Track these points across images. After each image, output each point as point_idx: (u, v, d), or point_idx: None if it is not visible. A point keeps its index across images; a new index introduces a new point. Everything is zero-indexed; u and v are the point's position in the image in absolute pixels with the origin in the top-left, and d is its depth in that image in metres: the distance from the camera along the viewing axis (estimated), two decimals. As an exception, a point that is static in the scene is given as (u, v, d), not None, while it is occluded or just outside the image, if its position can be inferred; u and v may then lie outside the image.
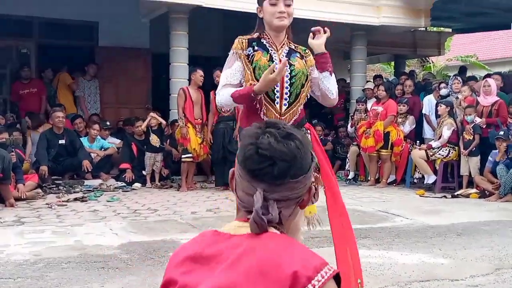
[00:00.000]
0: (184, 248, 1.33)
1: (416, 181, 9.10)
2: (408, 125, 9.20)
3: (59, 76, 10.56)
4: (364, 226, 5.85)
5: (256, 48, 2.92)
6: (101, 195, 7.67)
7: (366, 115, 9.45)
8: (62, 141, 8.44)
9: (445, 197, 8.07)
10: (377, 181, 9.25)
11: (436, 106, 8.95)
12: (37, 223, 5.80)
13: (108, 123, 9.78)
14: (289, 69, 2.90)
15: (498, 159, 7.75)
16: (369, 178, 9.36)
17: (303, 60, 3.00)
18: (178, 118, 8.21)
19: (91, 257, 4.38)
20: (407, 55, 15.17)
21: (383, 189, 8.83)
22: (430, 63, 21.92)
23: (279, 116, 2.89)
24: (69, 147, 8.50)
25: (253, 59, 2.90)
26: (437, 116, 8.98)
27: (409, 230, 5.71)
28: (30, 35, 10.90)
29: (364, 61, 11.15)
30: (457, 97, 8.84)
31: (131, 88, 11.00)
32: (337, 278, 1.22)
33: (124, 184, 8.39)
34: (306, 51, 3.07)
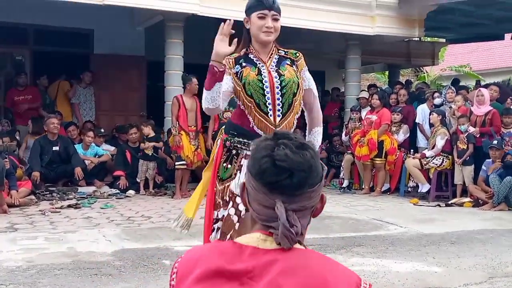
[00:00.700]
0: (200, 260, 1.28)
1: (410, 189, 9.12)
2: (402, 134, 9.23)
3: (58, 84, 10.55)
4: (358, 234, 5.86)
5: (244, 64, 2.92)
6: (94, 202, 7.64)
7: (360, 124, 9.48)
8: (56, 148, 8.43)
9: (439, 205, 8.09)
10: (371, 189, 9.26)
11: (430, 115, 9.00)
12: (30, 229, 5.78)
13: (103, 130, 9.77)
14: (278, 79, 2.90)
15: (493, 169, 7.77)
16: (364, 187, 9.38)
17: (294, 65, 2.98)
18: (171, 126, 8.21)
19: (84, 264, 4.36)
20: (401, 64, 15.24)
21: (377, 197, 8.84)
22: (424, 73, 22.03)
23: (274, 128, 2.85)
24: (63, 154, 8.49)
25: (242, 75, 2.90)
26: (430, 125, 9.02)
27: (403, 238, 5.72)
28: (25, 42, 10.89)
29: (359, 70, 11.21)
30: (451, 106, 8.88)
31: (126, 95, 11.00)
32: None
33: (118, 191, 8.37)
34: (297, 54, 3.05)
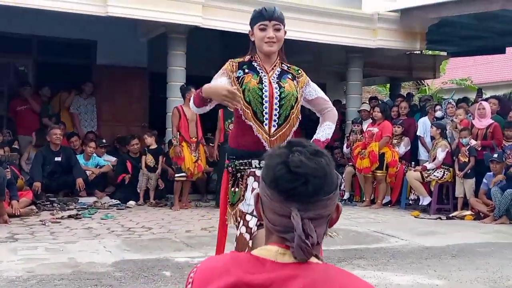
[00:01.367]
0: (218, 271, 1.26)
1: (411, 202, 9.11)
2: (403, 147, 9.24)
3: (60, 96, 10.58)
4: (360, 246, 5.85)
5: (246, 70, 2.95)
6: (95, 212, 7.64)
7: (362, 136, 9.49)
8: (58, 158, 8.45)
9: (440, 218, 8.08)
10: (372, 202, 9.25)
11: (430, 128, 9.01)
12: (30, 239, 5.77)
13: (104, 140, 9.78)
14: (278, 91, 2.92)
15: (494, 181, 7.76)
16: (364, 199, 9.37)
17: (295, 81, 3.01)
18: (172, 137, 8.20)
19: (84, 275, 4.36)
20: (402, 77, 15.28)
21: (378, 210, 8.82)
22: (425, 86, 22.08)
23: (268, 138, 2.91)
24: (65, 165, 8.50)
25: (243, 81, 2.93)
26: (431, 138, 9.03)
27: (404, 251, 5.71)
28: (29, 52, 10.94)
29: (360, 83, 11.23)
30: (452, 120, 8.90)
31: (128, 106, 11.03)
32: None
33: (118, 201, 8.37)
34: (299, 71, 3.08)
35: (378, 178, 9.10)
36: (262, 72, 2.96)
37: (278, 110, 2.92)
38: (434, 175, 8.61)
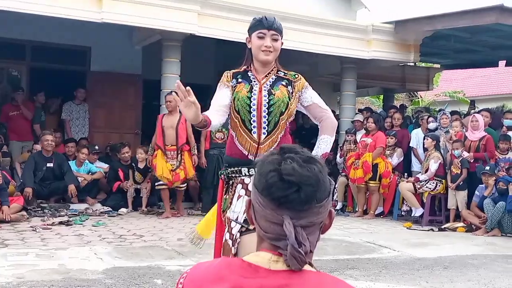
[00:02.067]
0: (210, 276, 1.25)
1: (403, 213, 9.12)
2: (396, 158, 9.26)
3: (47, 101, 10.53)
4: (352, 256, 5.84)
5: (240, 80, 2.99)
6: (86, 219, 7.59)
7: (355, 146, 9.50)
8: (50, 164, 8.39)
9: (432, 230, 8.08)
10: (365, 212, 9.25)
11: (424, 140, 9.04)
12: (21, 245, 5.72)
13: (97, 147, 9.74)
14: (267, 98, 2.95)
15: (486, 194, 7.79)
16: (357, 209, 9.36)
17: (289, 87, 3.01)
18: (149, 147, 8.35)
19: (75, 281, 4.32)
20: (396, 89, 15.35)
21: (371, 220, 8.82)
22: (418, 98, 22.19)
23: (257, 146, 2.94)
24: (57, 171, 8.44)
25: (235, 90, 2.97)
26: (424, 149, 9.06)
27: (396, 262, 5.70)
28: (23, 58, 10.90)
29: (354, 93, 11.27)
30: (448, 131, 8.94)
31: (121, 113, 11.00)
32: None
33: (110, 209, 8.32)
34: (296, 75, 3.08)
35: (371, 188, 9.11)
36: (254, 81, 2.99)
37: (267, 118, 2.95)
38: (426, 187, 8.63)
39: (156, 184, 8.17)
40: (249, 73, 3.01)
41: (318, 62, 11.50)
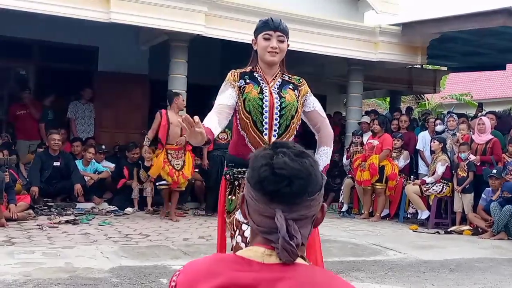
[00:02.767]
0: (203, 274, 1.25)
1: (409, 216, 9.09)
2: (403, 160, 9.25)
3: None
4: (358, 258, 5.83)
5: (247, 80, 2.96)
6: (92, 218, 7.62)
7: (362, 148, 9.49)
8: (56, 163, 8.42)
9: (438, 233, 8.06)
10: (371, 214, 9.24)
11: (431, 142, 9.02)
12: (27, 244, 5.75)
13: (104, 146, 9.77)
14: (279, 101, 2.92)
15: (494, 198, 7.76)
16: (363, 212, 9.35)
17: (296, 91, 3.01)
18: (146, 138, 8.03)
19: (81, 280, 4.33)
20: (402, 91, 15.30)
21: (377, 222, 8.81)
22: (425, 101, 22.13)
23: None
24: (63, 170, 8.47)
25: (244, 91, 2.93)
26: (431, 152, 9.04)
27: (402, 264, 5.69)
28: (30, 57, 10.94)
29: (360, 95, 11.25)
30: (455, 133, 8.92)
31: (128, 113, 11.01)
32: None
33: (116, 208, 8.35)
34: (301, 80, 3.08)
35: (377, 190, 9.09)
36: (263, 83, 2.96)
37: (278, 120, 2.92)
38: (433, 189, 8.61)
39: (157, 183, 8.04)
40: (256, 74, 2.99)
41: (325, 64, 11.49)
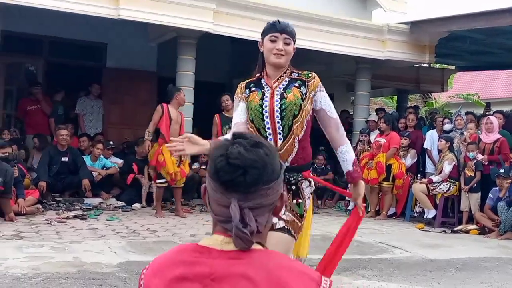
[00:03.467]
0: (165, 267, 1.30)
1: (416, 214, 9.08)
2: (410, 159, 9.24)
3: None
4: (364, 256, 5.84)
5: (253, 89, 2.96)
6: (100, 213, 7.66)
7: (369, 147, 9.49)
8: (64, 159, 8.47)
9: (444, 232, 8.06)
10: (377, 213, 9.24)
11: (438, 141, 9.01)
12: (36, 238, 5.79)
13: (112, 142, 9.82)
14: (279, 103, 2.89)
15: (501, 195, 7.75)
16: (369, 210, 9.35)
17: (303, 87, 2.94)
18: (146, 132, 7.90)
19: (90, 274, 4.37)
20: (410, 90, 15.28)
21: (383, 221, 8.81)
22: (432, 100, 22.07)
23: None
24: (71, 165, 8.52)
25: (248, 100, 2.95)
26: (439, 151, 9.02)
27: (409, 262, 5.69)
28: (39, 53, 11.00)
29: (368, 93, 11.24)
30: (462, 133, 8.90)
31: (136, 109, 11.05)
32: None
33: (124, 203, 8.39)
34: (310, 75, 3.00)
35: (384, 189, 9.09)
36: (266, 87, 2.95)
37: (280, 123, 2.89)
38: (440, 188, 8.60)
39: (158, 181, 7.85)
40: (262, 80, 2.98)
41: (333, 62, 11.49)
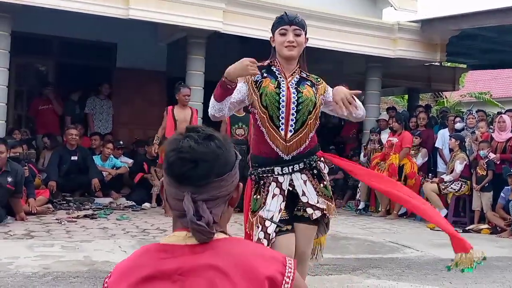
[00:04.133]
0: (130, 269, 1.29)
1: (427, 214, 9.00)
2: (421, 158, 9.19)
3: None
4: (374, 256, 5.81)
5: (265, 75, 2.92)
6: (110, 213, 7.68)
7: (380, 146, 9.43)
8: (74, 158, 8.51)
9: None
10: (388, 212, 9.18)
11: (449, 140, 8.95)
12: (46, 237, 5.82)
13: (121, 142, 9.85)
14: (296, 95, 2.89)
15: (511, 197, 7.68)
16: (380, 209, 9.30)
17: (314, 88, 2.97)
18: (155, 137, 8.00)
19: (100, 273, 4.37)
20: (421, 88, 15.19)
21: (394, 220, 8.76)
22: (443, 99, 21.92)
23: (284, 143, 2.86)
24: (81, 165, 8.56)
25: (260, 85, 2.90)
26: (450, 150, 8.96)
27: (420, 262, 5.66)
28: (50, 53, 11.06)
29: (379, 92, 11.19)
30: (474, 132, 8.83)
31: (146, 109, 11.08)
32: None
33: (133, 203, 8.41)
34: (318, 79, 3.05)
35: (394, 188, 9.02)
36: (280, 77, 2.93)
37: (295, 115, 2.88)
38: (451, 188, 8.54)
39: (161, 180, 7.99)
40: (274, 68, 2.96)
41: (343, 61, 11.45)
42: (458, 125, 9.33)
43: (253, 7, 8.85)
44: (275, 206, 2.83)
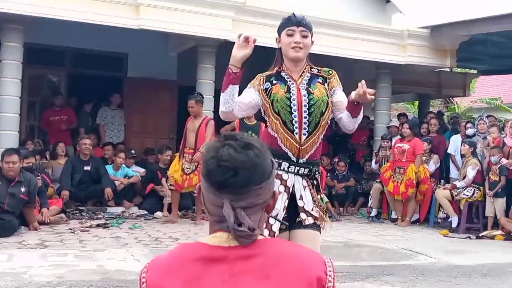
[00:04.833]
0: (175, 266, 1.30)
1: (440, 220, 8.96)
2: (433, 164, 9.14)
3: None
4: (388, 263, 5.78)
5: (274, 82, 2.91)
6: (123, 222, 7.71)
7: (391, 153, 9.39)
8: (87, 168, 8.57)
9: (469, 237, 7.94)
10: (401, 219, 9.13)
11: (461, 146, 8.90)
12: (60, 247, 5.85)
13: (133, 151, 9.89)
14: (307, 98, 2.87)
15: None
16: (393, 216, 9.24)
17: (325, 84, 2.94)
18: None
19: (114, 282, 4.39)
20: (431, 95, 15.13)
21: (406, 227, 8.71)
22: (454, 104, 21.83)
23: (298, 146, 2.85)
24: (94, 174, 8.61)
25: (271, 92, 2.89)
26: (462, 156, 8.91)
27: (433, 269, 5.62)
28: (62, 64, 11.17)
29: (389, 99, 11.17)
30: (485, 137, 8.77)
31: (157, 118, 11.15)
32: None
33: (146, 212, 8.44)
34: (330, 72, 3.00)
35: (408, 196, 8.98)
36: (290, 81, 2.91)
37: (307, 118, 2.86)
38: (464, 194, 8.48)
39: (169, 184, 8.07)
40: (283, 73, 2.94)
41: (353, 68, 11.45)
42: (470, 131, 9.28)
43: (262, 16, 8.88)
44: (279, 204, 2.82)
